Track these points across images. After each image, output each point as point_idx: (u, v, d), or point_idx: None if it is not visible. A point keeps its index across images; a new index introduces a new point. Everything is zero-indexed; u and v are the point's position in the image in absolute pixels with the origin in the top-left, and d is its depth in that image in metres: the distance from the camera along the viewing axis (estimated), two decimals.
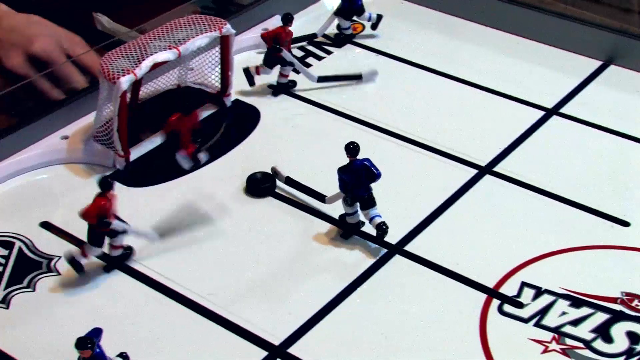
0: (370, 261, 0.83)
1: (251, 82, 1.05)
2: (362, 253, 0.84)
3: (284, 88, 1.05)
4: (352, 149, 0.82)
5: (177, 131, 0.93)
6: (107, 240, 0.81)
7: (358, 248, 0.85)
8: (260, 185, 0.91)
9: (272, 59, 1.04)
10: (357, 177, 0.82)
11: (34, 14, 1.15)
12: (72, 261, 0.81)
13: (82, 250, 0.81)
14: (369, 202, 0.83)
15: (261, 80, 1.06)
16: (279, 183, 0.91)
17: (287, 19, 1.02)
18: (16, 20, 1.12)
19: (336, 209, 0.87)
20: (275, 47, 1.02)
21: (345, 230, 0.86)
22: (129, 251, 0.83)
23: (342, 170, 0.83)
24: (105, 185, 0.79)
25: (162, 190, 0.92)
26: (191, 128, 0.94)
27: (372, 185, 0.83)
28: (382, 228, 0.83)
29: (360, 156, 0.83)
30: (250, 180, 0.91)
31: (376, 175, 0.82)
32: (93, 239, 0.80)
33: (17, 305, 0.80)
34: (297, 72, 1.05)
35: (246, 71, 1.04)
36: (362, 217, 0.85)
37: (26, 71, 1.08)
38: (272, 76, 1.06)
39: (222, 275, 0.82)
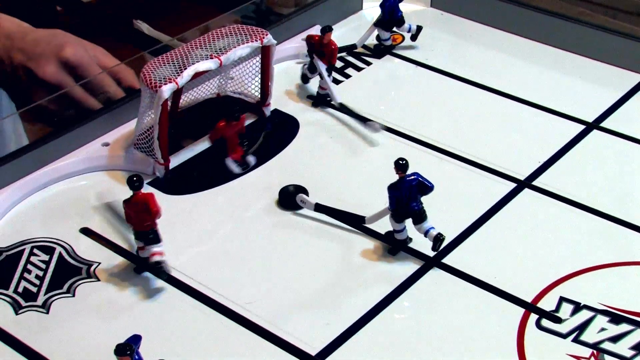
0: (408, 273, 0.83)
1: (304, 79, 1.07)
2: (401, 265, 0.84)
3: (324, 99, 1.05)
4: (402, 165, 0.82)
5: (225, 137, 0.94)
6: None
7: (397, 261, 0.85)
8: (292, 198, 0.91)
9: (312, 65, 1.05)
10: (409, 193, 0.82)
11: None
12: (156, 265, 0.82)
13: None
14: (421, 217, 0.83)
15: (302, 91, 1.06)
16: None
17: (324, 30, 1.02)
18: (39, 34, 1.12)
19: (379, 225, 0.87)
20: (310, 52, 1.04)
21: (394, 247, 0.86)
22: (161, 264, 0.83)
23: (393, 188, 0.83)
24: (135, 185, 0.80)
25: (201, 199, 0.93)
26: (238, 132, 0.94)
27: None
28: (439, 239, 0.83)
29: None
30: (283, 192, 0.91)
31: (429, 188, 0.83)
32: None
33: (56, 310, 0.80)
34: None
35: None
36: (410, 234, 0.85)
37: (61, 78, 1.09)
38: (312, 87, 1.06)
39: (260, 285, 0.83)
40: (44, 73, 1.09)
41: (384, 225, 0.86)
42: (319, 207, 0.89)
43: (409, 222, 0.85)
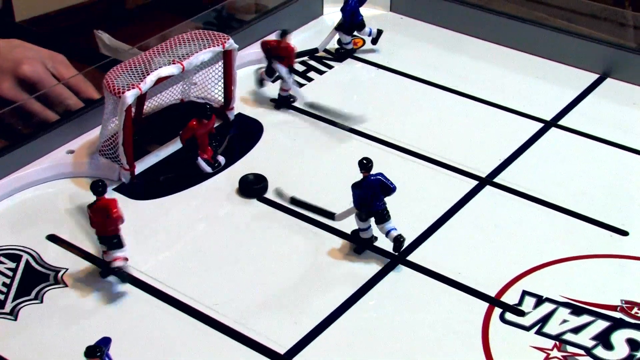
0: (373, 271, 0.84)
1: (260, 84, 1.08)
2: (366, 263, 0.85)
3: (286, 101, 1.07)
4: (365, 164, 0.83)
5: (196, 136, 0.94)
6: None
7: (362, 259, 0.86)
8: (253, 186, 0.93)
9: (270, 70, 1.06)
10: (372, 193, 0.83)
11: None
12: (116, 271, 0.82)
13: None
14: (383, 217, 0.84)
15: (264, 94, 1.07)
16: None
17: (283, 34, 1.03)
18: None
19: (346, 224, 0.88)
20: (268, 57, 1.05)
21: (359, 246, 0.87)
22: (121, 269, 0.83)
23: (356, 186, 0.84)
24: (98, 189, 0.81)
25: (167, 203, 0.93)
26: (208, 132, 0.95)
27: None
28: (399, 240, 0.84)
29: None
30: (243, 181, 0.93)
31: (391, 189, 0.84)
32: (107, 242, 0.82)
33: (25, 317, 0.80)
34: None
35: (259, 78, 1.08)
36: (375, 232, 0.86)
37: (16, 94, 1.09)
38: (274, 90, 1.07)
39: (227, 286, 0.83)
40: (1, 89, 1.08)
41: (351, 224, 0.87)
42: (294, 201, 0.91)
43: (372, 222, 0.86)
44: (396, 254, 0.85)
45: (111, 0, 2.40)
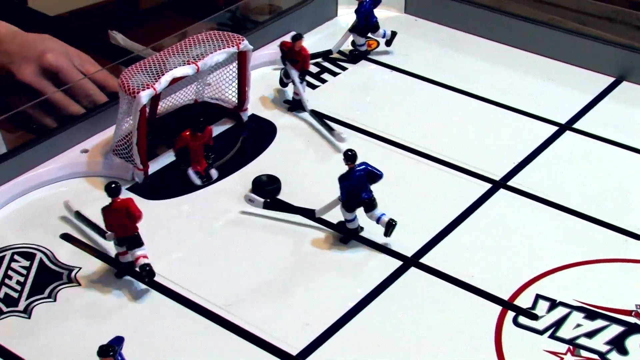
0: (386, 273, 0.84)
1: (282, 84, 1.08)
2: (379, 265, 0.85)
3: (299, 104, 1.06)
4: (350, 155, 0.84)
5: (189, 147, 0.94)
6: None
7: (374, 260, 0.86)
8: (266, 187, 0.93)
9: (286, 72, 1.06)
10: (360, 183, 0.84)
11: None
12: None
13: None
14: (372, 205, 0.85)
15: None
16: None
17: (295, 38, 1.03)
18: (28, 37, 1.14)
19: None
20: (283, 59, 1.05)
21: (345, 236, 0.87)
22: (143, 272, 0.83)
23: (343, 178, 0.85)
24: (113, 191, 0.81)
25: (180, 203, 0.93)
26: (203, 144, 0.95)
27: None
28: (391, 224, 0.85)
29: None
30: (256, 182, 0.93)
31: (379, 176, 0.85)
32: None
33: (38, 315, 0.81)
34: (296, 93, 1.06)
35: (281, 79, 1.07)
36: (361, 222, 0.87)
37: (38, 83, 1.10)
38: (290, 91, 1.07)
39: (240, 286, 0.83)
40: (22, 75, 1.10)
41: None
42: (267, 205, 0.91)
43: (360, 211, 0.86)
44: (387, 237, 0.86)
45: (125, 0, 2.40)
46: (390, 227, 0.85)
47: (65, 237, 0.89)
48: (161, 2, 2.42)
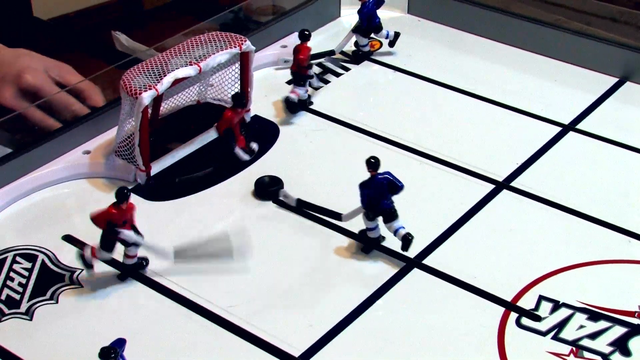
0: (389, 275, 0.84)
1: (295, 109, 1.05)
2: (381, 266, 0.85)
3: (303, 104, 1.06)
4: (373, 163, 0.83)
5: (232, 126, 0.95)
6: (122, 249, 0.83)
7: (377, 261, 0.85)
8: (268, 188, 0.93)
9: (301, 77, 1.05)
10: (380, 191, 0.83)
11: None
12: (82, 258, 0.83)
13: (93, 250, 0.82)
14: (392, 215, 0.84)
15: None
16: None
17: (305, 36, 1.03)
18: (4, 55, 1.13)
19: (355, 224, 0.87)
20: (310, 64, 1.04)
21: (367, 245, 0.86)
22: (144, 262, 0.84)
23: (364, 185, 0.84)
24: (120, 195, 0.80)
25: (183, 205, 0.93)
26: (239, 122, 0.96)
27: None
28: (408, 239, 0.84)
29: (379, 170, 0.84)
30: (258, 184, 0.93)
31: (399, 188, 0.84)
32: (103, 243, 0.82)
33: (40, 317, 0.80)
34: (316, 88, 1.06)
35: (287, 101, 1.05)
36: (382, 232, 0.86)
37: (17, 104, 1.09)
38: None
39: (242, 288, 0.83)
40: (1, 99, 1.09)
41: (359, 224, 0.87)
42: (300, 203, 0.90)
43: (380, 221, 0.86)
44: (405, 252, 0.85)
45: (129, 1, 2.41)
46: (406, 241, 0.84)
47: (67, 238, 0.89)
48: (164, 3, 2.42)
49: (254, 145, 0.98)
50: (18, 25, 1.21)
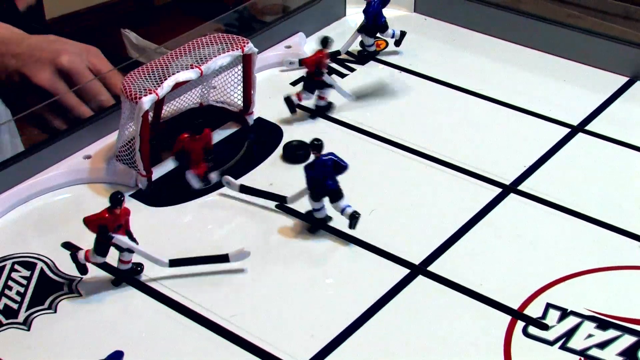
0: (393, 282, 0.82)
1: (293, 109, 1.04)
2: (386, 273, 0.83)
3: (323, 110, 1.05)
4: (317, 145, 0.85)
5: (187, 150, 0.92)
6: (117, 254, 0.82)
7: (382, 268, 0.84)
8: (296, 151, 0.96)
9: (312, 84, 1.03)
10: (325, 172, 0.85)
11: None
12: (75, 259, 0.82)
13: (87, 254, 0.81)
14: (338, 195, 0.86)
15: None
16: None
17: (327, 43, 1.02)
18: (34, 40, 1.12)
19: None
20: (319, 71, 1.02)
21: (313, 225, 0.88)
22: (138, 268, 0.83)
23: (309, 167, 0.86)
24: (114, 200, 0.79)
25: (183, 210, 0.92)
26: (203, 147, 0.93)
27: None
28: (355, 217, 0.85)
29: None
30: (287, 147, 0.97)
31: (344, 167, 0.86)
32: (96, 247, 0.81)
33: (38, 327, 0.79)
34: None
35: (287, 100, 1.03)
36: (329, 212, 0.87)
37: (55, 84, 1.08)
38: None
39: (244, 297, 0.82)
40: (39, 79, 1.08)
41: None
42: (243, 189, 0.91)
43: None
44: (352, 229, 0.85)
45: None
46: (353, 219, 0.85)
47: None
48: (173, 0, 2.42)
49: (213, 176, 0.94)
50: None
